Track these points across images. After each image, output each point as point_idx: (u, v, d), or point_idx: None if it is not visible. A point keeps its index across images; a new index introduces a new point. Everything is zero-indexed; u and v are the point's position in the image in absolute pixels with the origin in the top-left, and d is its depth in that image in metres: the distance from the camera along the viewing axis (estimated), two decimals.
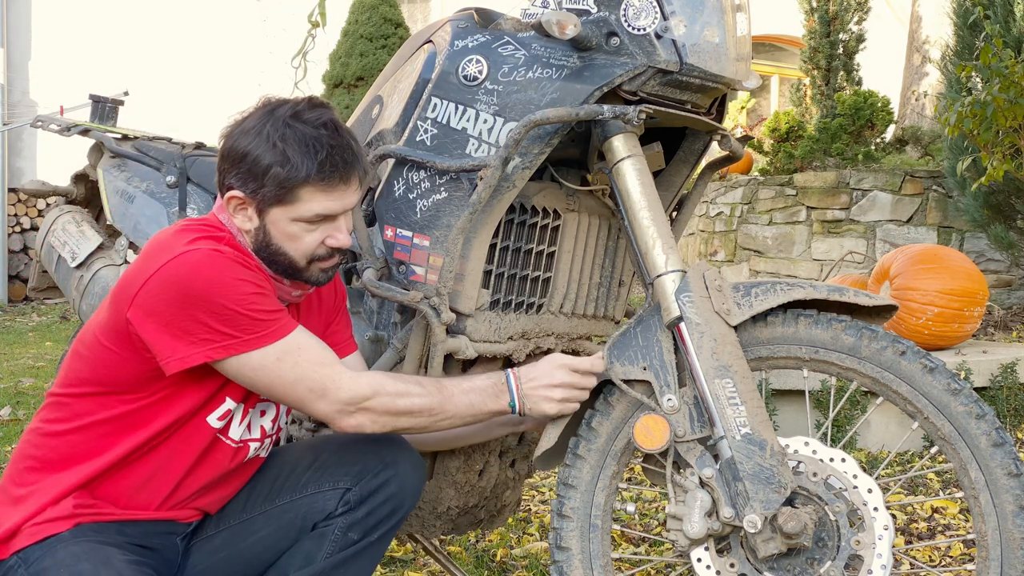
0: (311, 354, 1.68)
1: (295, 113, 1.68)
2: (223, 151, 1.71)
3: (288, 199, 1.67)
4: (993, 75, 4.08)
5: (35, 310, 8.99)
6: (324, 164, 1.66)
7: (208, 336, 1.60)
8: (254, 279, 1.65)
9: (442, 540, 2.87)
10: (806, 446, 1.75)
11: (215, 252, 1.63)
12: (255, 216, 1.70)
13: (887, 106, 7.35)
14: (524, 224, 2.00)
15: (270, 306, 1.66)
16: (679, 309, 1.75)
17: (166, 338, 1.60)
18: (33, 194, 2.77)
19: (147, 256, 1.65)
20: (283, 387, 1.67)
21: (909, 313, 3.86)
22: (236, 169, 1.68)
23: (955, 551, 2.81)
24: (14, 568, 1.63)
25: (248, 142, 1.67)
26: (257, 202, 1.68)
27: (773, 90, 13.18)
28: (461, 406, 1.75)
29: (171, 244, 1.64)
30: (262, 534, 1.83)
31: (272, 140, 1.66)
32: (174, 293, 1.59)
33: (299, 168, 1.65)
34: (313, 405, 1.68)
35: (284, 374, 1.65)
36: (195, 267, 1.60)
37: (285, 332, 1.66)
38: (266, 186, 1.66)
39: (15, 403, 4.79)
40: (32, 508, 1.66)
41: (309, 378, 1.66)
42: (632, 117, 1.76)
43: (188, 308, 1.59)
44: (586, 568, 1.84)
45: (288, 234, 1.70)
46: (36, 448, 1.72)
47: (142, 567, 1.65)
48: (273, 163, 1.65)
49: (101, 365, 1.68)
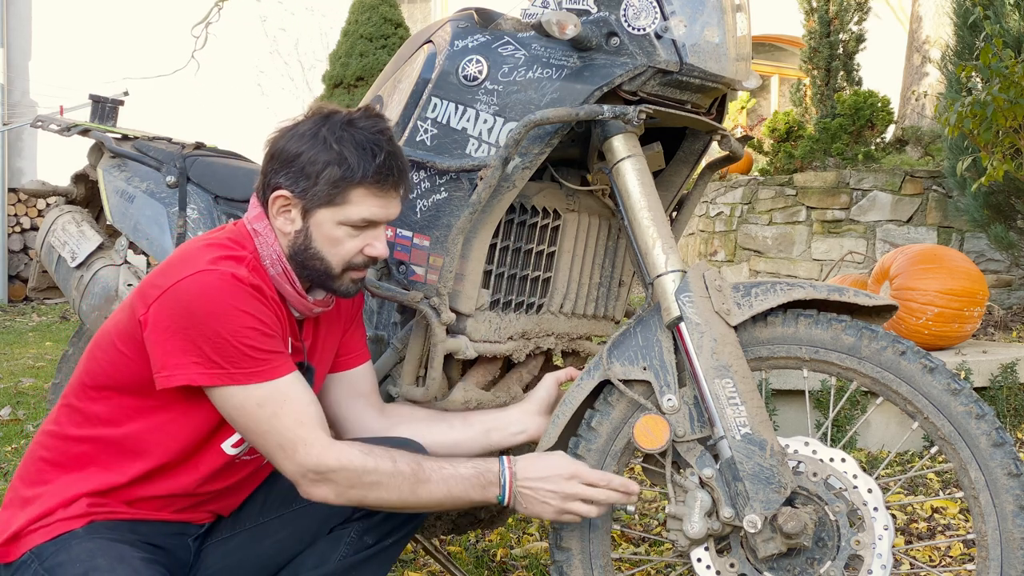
0: (293, 408, 1.63)
1: (351, 120, 1.69)
2: (272, 152, 1.71)
3: (339, 200, 1.67)
4: (993, 75, 4.08)
5: (35, 310, 8.99)
6: (382, 168, 1.67)
7: (198, 360, 1.59)
8: (258, 313, 1.62)
9: (442, 540, 2.87)
10: (806, 446, 1.75)
11: (229, 278, 1.61)
12: (299, 218, 1.69)
13: (887, 106, 7.35)
14: (524, 224, 2.00)
15: (266, 345, 1.63)
16: (679, 309, 1.75)
17: (160, 352, 1.60)
18: (33, 194, 2.77)
19: (171, 266, 1.65)
20: (257, 435, 1.64)
21: (909, 313, 3.87)
22: (287, 169, 1.68)
23: (955, 551, 2.81)
24: (27, 564, 1.64)
25: (303, 144, 1.68)
26: (305, 202, 1.68)
27: (773, 90, 13.19)
28: (438, 493, 1.67)
29: (194, 259, 1.64)
30: (278, 537, 1.83)
31: (328, 142, 1.66)
32: (180, 310, 1.59)
33: (356, 169, 1.65)
34: (281, 462, 1.64)
35: (261, 422, 1.62)
36: (203, 290, 1.59)
37: (274, 375, 1.62)
38: (318, 185, 1.66)
39: (15, 403, 4.79)
40: (43, 508, 1.67)
41: (282, 433, 1.62)
42: (632, 117, 1.76)
43: (188, 328, 1.59)
44: (586, 568, 1.84)
45: (331, 238, 1.69)
46: (48, 451, 1.72)
47: (155, 565, 1.65)
48: (330, 162, 1.65)
49: (115, 368, 1.68)
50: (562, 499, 1.71)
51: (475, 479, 1.70)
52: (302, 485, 1.65)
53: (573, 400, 1.82)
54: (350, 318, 1.92)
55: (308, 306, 1.76)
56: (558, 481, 1.71)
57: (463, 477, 1.69)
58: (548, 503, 1.71)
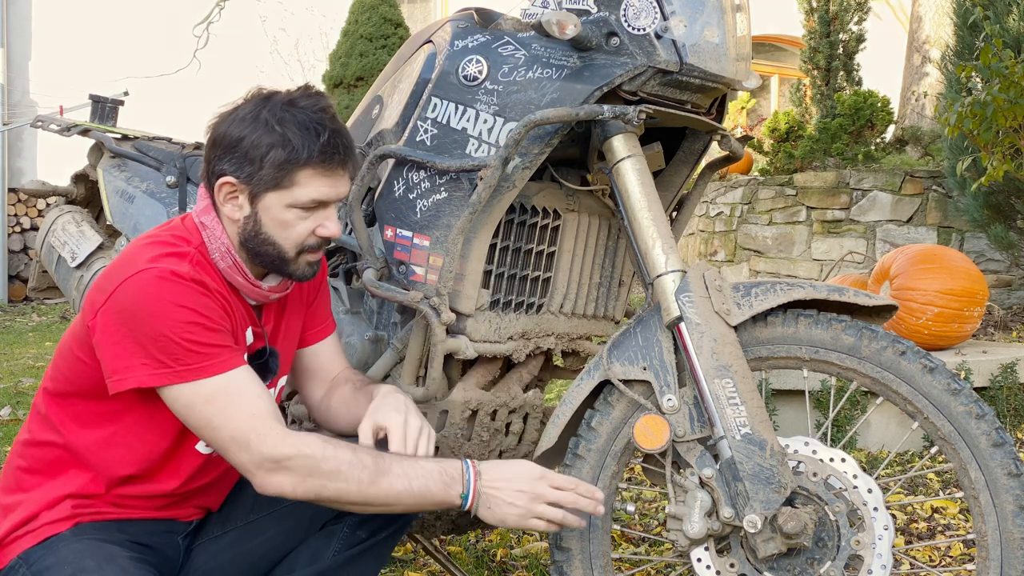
0: (243, 400, 1.59)
1: (291, 100, 1.66)
2: (214, 138, 1.67)
3: (285, 183, 1.63)
4: (993, 75, 4.08)
5: (35, 310, 8.99)
6: (326, 147, 1.63)
7: (146, 362, 1.56)
8: (200, 307, 1.58)
9: (442, 540, 2.87)
10: (806, 446, 1.75)
11: (168, 275, 1.57)
12: (247, 204, 1.66)
13: (887, 106, 7.35)
14: (524, 224, 2.00)
15: (210, 339, 1.59)
16: (679, 309, 1.75)
17: (110, 355, 1.58)
18: (33, 194, 2.76)
19: (115, 268, 1.62)
20: (209, 430, 1.60)
21: (909, 313, 3.86)
22: (230, 155, 1.64)
23: (955, 551, 2.81)
24: (15, 569, 1.63)
25: (244, 127, 1.64)
26: (251, 187, 1.64)
27: (773, 90, 13.18)
28: (398, 485, 1.60)
29: (134, 259, 1.61)
30: (270, 534, 1.82)
31: (271, 124, 1.62)
32: (122, 313, 1.56)
33: (300, 150, 1.62)
34: (236, 456, 1.59)
35: (212, 417, 1.58)
36: (142, 289, 1.56)
37: (221, 369, 1.59)
38: (263, 169, 1.62)
39: (15, 403, 4.79)
40: (26, 513, 1.66)
41: (235, 426, 1.57)
42: (632, 117, 1.76)
43: (132, 330, 1.56)
44: (586, 568, 1.84)
45: (281, 221, 1.66)
46: (24, 459, 1.71)
47: (144, 564, 1.64)
48: (273, 145, 1.61)
49: (75, 374, 1.66)
50: (530, 500, 1.64)
51: (437, 475, 1.63)
52: (257, 476, 1.59)
53: (573, 400, 1.82)
54: (314, 289, 1.89)
55: (263, 294, 1.73)
56: (526, 481, 1.65)
57: (425, 471, 1.63)
58: (515, 504, 1.63)
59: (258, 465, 1.59)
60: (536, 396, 2.13)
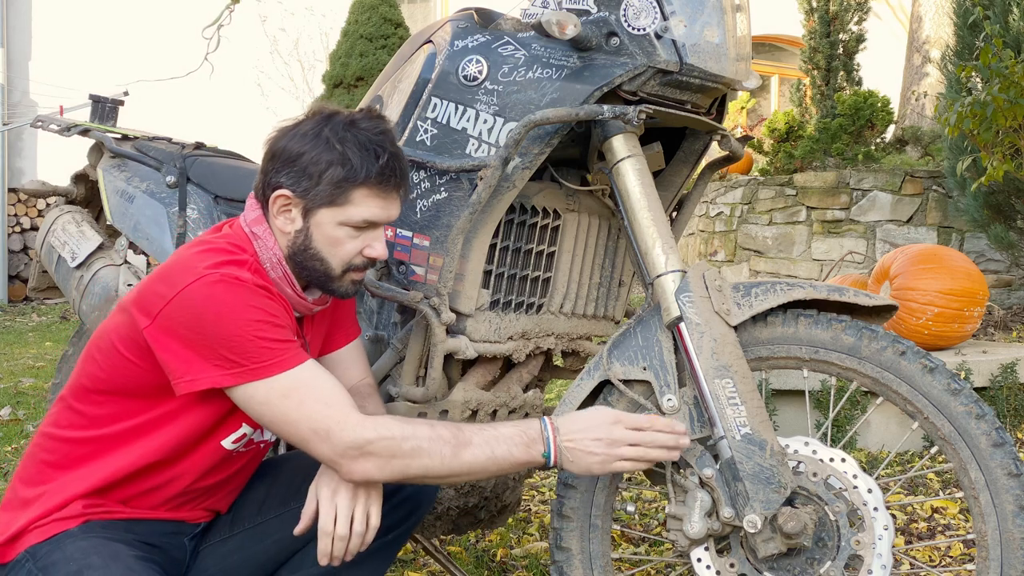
0: (318, 393, 1.63)
1: (353, 120, 1.69)
2: (273, 151, 1.70)
3: (340, 200, 1.67)
4: (993, 75, 4.08)
5: (35, 310, 8.99)
6: (384, 169, 1.67)
7: (218, 363, 1.60)
8: (267, 307, 1.63)
9: (442, 540, 2.87)
10: (806, 446, 1.75)
11: (232, 279, 1.61)
12: (299, 218, 1.69)
13: (887, 106, 7.35)
14: (524, 224, 2.00)
15: (280, 336, 1.63)
16: (679, 309, 1.75)
17: (178, 360, 1.61)
18: (33, 194, 2.76)
19: (169, 274, 1.64)
20: (287, 425, 1.62)
21: (909, 313, 3.87)
22: (289, 168, 1.68)
23: (955, 551, 2.81)
24: (22, 563, 1.64)
25: (305, 143, 1.67)
26: (306, 202, 1.68)
27: (773, 90, 13.19)
28: (481, 456, 1.62)
29: (193, 265, 1.63)
30: (277, 536, 1.83)
31: (331, 142, 1.66)
32: (190, 317, 1.59)
33: (358, 169, 1.65)
34: (318, 447, 1.62)
35: (289, 412, 1.61)
36: (211, 293, 1.59)
37: (293, 364, 1.62)
38: (320, 184, 1.66)
39: (15, 403, 4.79)
40: (42, 509, 1.67)
41: (313, 418, 1.61)
42: (632, 117, 1.76)
43: (201, 334, 1.59)
44: (586, 568, 1.84)
45: (331, 238, 1.69)
46: (49, 453, 1.72)
47: (149, 563, 1.65)
48: (333, 162, 1.65)
49: (117, 372, 1.68)
50: (608, 445, 1.64)
51: (518, 437, 1.64)
52: (342, 465, 1.62)
53: (573, 400, 1.82)
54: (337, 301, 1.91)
55: (308, 306, 1.76)
56: (602, 428, 1.65)
57: (505, 437, 1.63)
58: (595, 453, 1.64)
59: (341, 454, 1.61)
60: (536, 396, 2.13)
